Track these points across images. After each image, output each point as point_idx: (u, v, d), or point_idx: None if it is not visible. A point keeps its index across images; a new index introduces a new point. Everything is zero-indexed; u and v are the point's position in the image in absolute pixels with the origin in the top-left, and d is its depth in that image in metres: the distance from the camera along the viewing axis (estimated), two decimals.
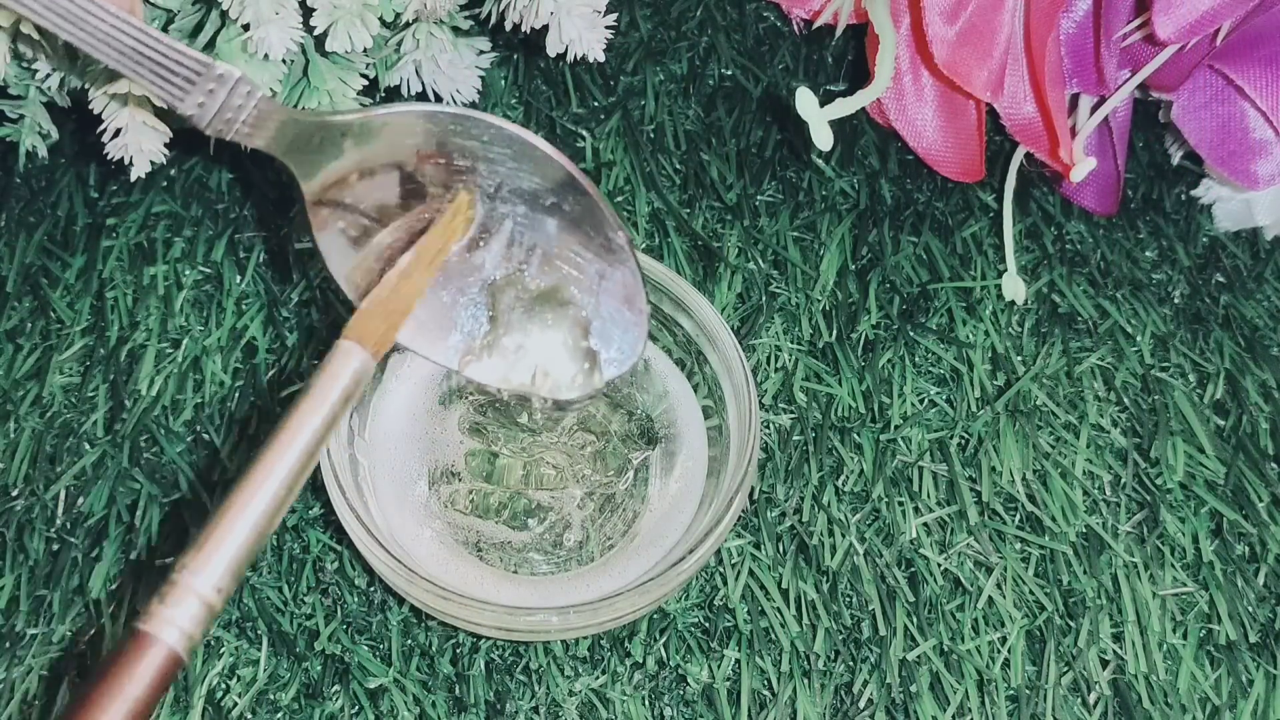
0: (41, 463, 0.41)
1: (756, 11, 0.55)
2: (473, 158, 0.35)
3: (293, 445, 0.31)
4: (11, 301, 0.45)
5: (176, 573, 0.29)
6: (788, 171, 0.50)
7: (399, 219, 0.36)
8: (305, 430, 0.31)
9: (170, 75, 0.31)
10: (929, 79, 0.48)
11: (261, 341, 0.44)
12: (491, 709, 0.38)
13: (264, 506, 0.30)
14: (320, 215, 0.35)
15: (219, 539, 0.29)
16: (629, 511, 0.39)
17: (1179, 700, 0.39)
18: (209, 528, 0.29)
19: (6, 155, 0.48)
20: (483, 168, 0.35)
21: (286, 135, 0.33)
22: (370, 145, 0.34)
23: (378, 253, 0.36)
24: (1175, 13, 0.41)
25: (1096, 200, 0.49)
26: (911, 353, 0.45)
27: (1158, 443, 0.44)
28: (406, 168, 0.35)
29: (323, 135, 0.33)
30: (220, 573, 0.29)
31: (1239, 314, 0.47)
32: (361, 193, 0.35)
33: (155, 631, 0.28)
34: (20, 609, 0.39)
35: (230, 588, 0.29)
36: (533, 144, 0.34)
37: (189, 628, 0.28)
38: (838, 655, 0.39)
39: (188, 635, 0.28)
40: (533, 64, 0.52)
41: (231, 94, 0.32)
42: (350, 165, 0.34)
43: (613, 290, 0.37)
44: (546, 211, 0.36)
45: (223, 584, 0.29)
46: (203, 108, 0.32)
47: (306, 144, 0.33)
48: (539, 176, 0.35)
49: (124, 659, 0.28)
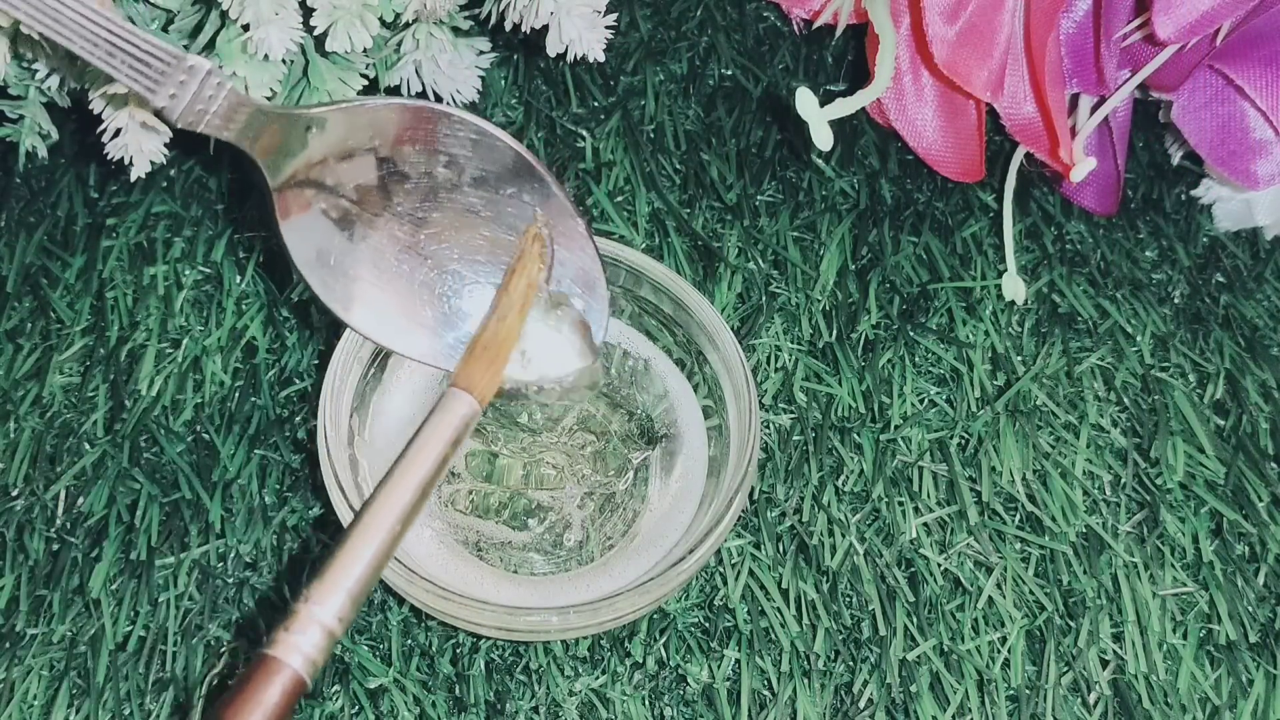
0: (41, 463, 0.41)
1: (756, 11, 0.55)
2: (434, 148, 0.36)
3: (406, 485, 0.33)
4: (11, 301, 0.45)
5: (301, 603, 0.31)
6: (788, 171, 0.50)
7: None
8: (418, 471, 0.34)
9: (142, 67, 0.32)
10: (929, 79, 0.48)
11: (261, 341, 0.44)
12: (491, 709, 0.38)
13: (380, 542, 0.32)
14: (284, 205, 0.36)
15: (340, 571, 0.31)
16: (629, 511, 0.39)
17: (1179, 700, 0.39)
18: (330, 561, 0.32)
19: (6, 155, 0.48)
20: (442, 158, 0.36)
21: (255, 127, 0.34)
22: (334, 138, 0.35)
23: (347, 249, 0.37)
24: (1175, 13, 0.41)
25: (1096, 200, 0.49)
26: (911, 353, 0.45)
27: (1158, 443, 0.44)
28: (369, 159, 0.36)
29: (289, 127, 0.34)
30: (341, 602, 0.31)
31: (1239, 314, 0.47)
32: (325, 182, 0.36)
33: (282, 656, 0.30)
34: (20, 609, 0.39)
35: (351, 616, 0.31)
36: (493, 134, 0.36)
37: (313, 653, 0.30)
38: (838, 655, 0.39)
39: (311, 660, 0.30)
40: (533, 64, 0.52)
41: (202, 85, 0.32)
42: (314, 157, 0.35)
43: (573, 276, 0.38)
44: (507, 200, 0.36)
45: (344, 613, 0.31)
46: (174, 99, 0.32)
47: (274, 136, 0.34)
48: (499, 166, 0.36)
49: (253, 682, 0.30)
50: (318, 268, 0.37)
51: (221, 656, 0.38)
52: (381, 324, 0.38)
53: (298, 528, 0.40)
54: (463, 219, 0.37)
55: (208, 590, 0.39)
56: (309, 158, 0.35)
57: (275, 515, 0.41)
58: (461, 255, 0.38)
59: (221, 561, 0.40)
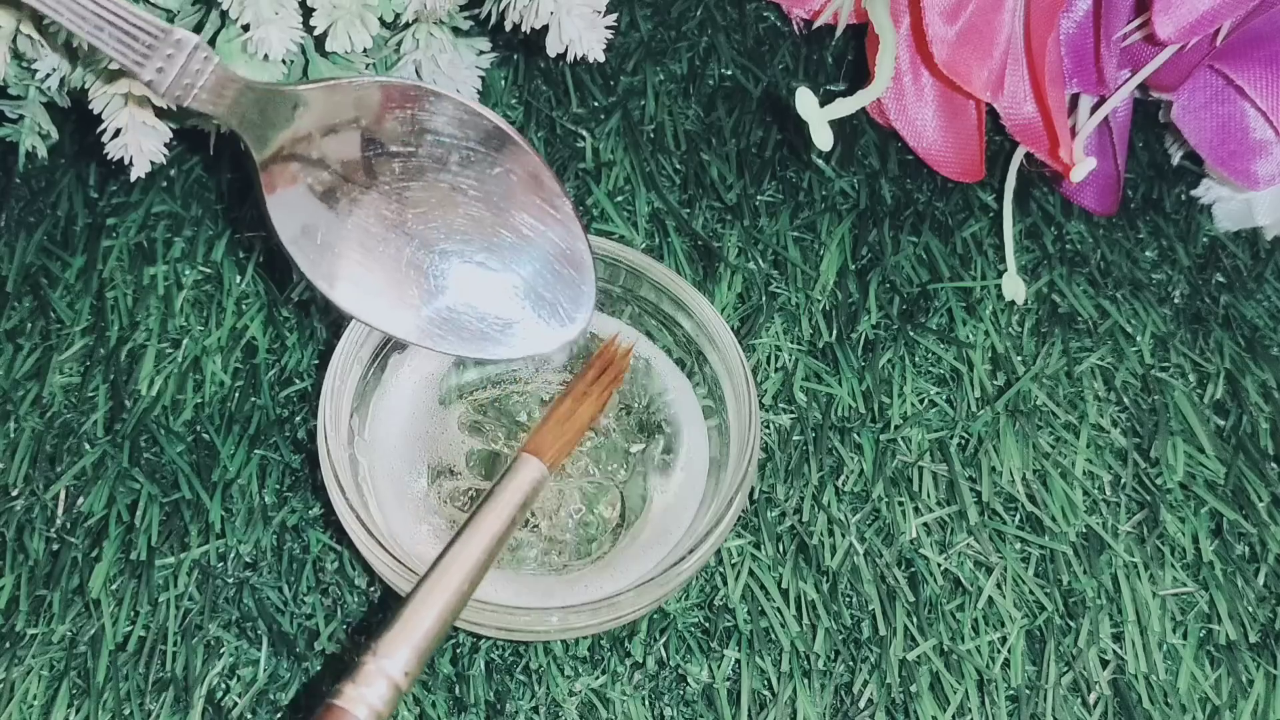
0: (41, 463, 0.41)
1: (756, 11, 0.55)
2: (420, 127, 0.36)
3: (476, 543, 0.35)
4: (11, 301, 0.45)
5: (369, 656, 0.32)
6: (788, 171, 0.50)
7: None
8: (488, 530, 0.35)
9: (130, 40, 0.32)
10: (929, 79, 0.48)
11: (261, 341, 0.44)
12: (491, 709, 0.38)
13: (448, 598, 0.33)
14: (270, 180, 0.36)
15: (408, 626, 0.32)
16: (629, 511, 0.39)
17: (1179, 700, 0.39)
18: (399, 615, 0.33)
19: (6, 155, 0.48)
20: (429, 136, 0.36)
21: (242, 103, 0.34)
22: (320, 115, 0.35)
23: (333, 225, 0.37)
24: (1175, 13, 0.41)
25: (1096, 200, 0.49)
26: (911, 353, 0.45)
27: (1158, 443, 0.44)
28: (354, 136, 0.36)
29: (276, 104, 0.35)
30: (408, 658, 0.32)
31: (1239, 314, 0.47)
32: (311, 159, 0.36)
33: (349, 708, 0.31)
34: (20, 609, 0.39)
35: (416, 671, 0.32)
36: (480, 113, 0.36)
37: (379, 706, 0.31)
38: (838, 655, 0.39)
39: (377, 712, 0.31)
40: (533, 64, 0.52)
41: (190, 59, 0.33)
42: (300, 133, 0.36)
43: (561, 254, 0.38)
44: (494, 180, 0.37)
45: (410, 668, 0.32)
46: (161, 73, 0.33)
47: (260, 112, 0.35)
48: (485, 145, 0.37)
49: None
50: (303, 244, 0.37)
51: (221, 656, 0.38)
52: (367, 301, 0.38)
53: (298, 528, 0.40)
54: (449, 197, 0.38)
55: (208, 590, 0.39)
56: (295, 134, 0.35)
57: (275, 515, 0.41)
58: (448, 233, 0.38)
59: (221, 561, 0.40)
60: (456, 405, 0.41)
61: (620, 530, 0.39)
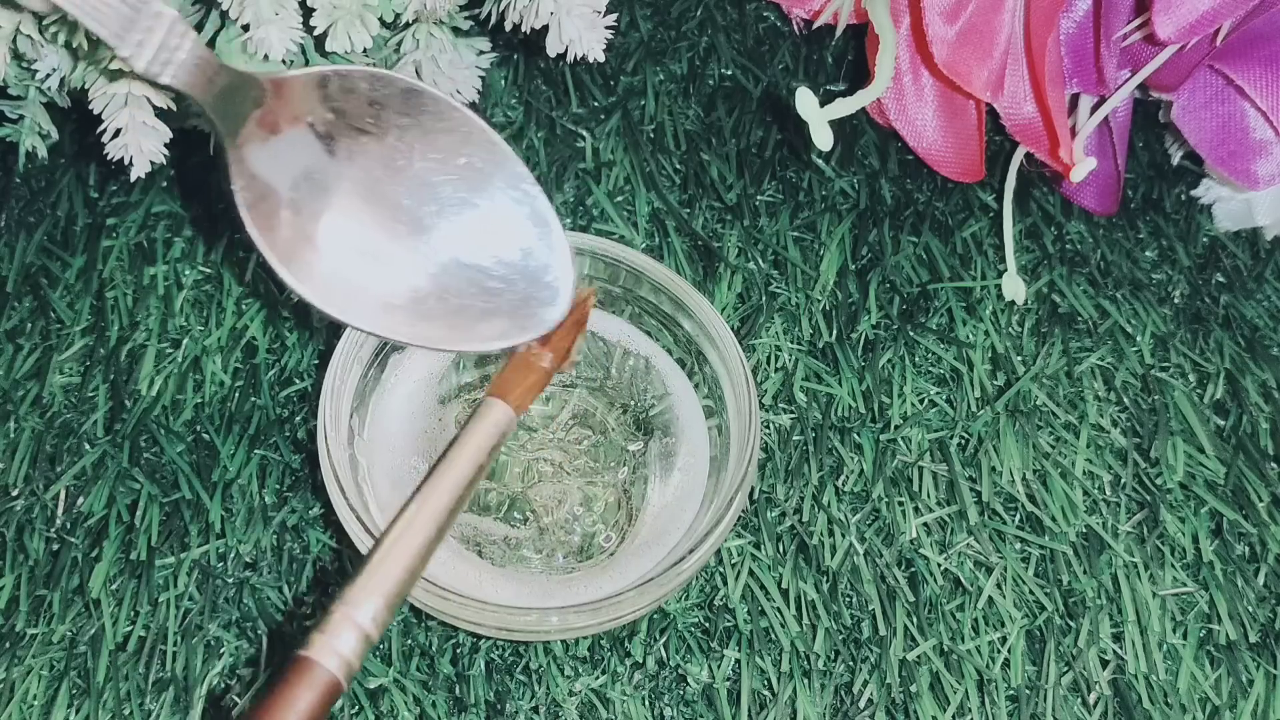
0: (41, 463, 0.41)
1: (756, 11, 0.55)
2: (392, 118, 0.36)
3: (442, 489, 0.33)
4: (11, 301, 0.45)
5: (338, 605, 0.31)
6: (788, 171, 0.50)
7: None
8: (455, 476, 0.34)
9: (109, 11, 0.32)
10: (929, 79, 0.48)
11: (261, 341, 0.44)
12: (491, 709, 0.38)
13: (417, 546, 0.32)
14: (239, 166, 0.36)
15: (375, 574, 0.31)
16: (629, 511, 0.39)
17: (1179, 700, 0.39)
18: (365, 564, 0.32)
19: (6, 155, 0.48)
20: (398, 126, 0.36)
21: (217, 84, 0.34)
22: (292, 102, 0.35)
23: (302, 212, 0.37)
24: (1175, 13, 0.41)
25: (1096, 200, 0.49)
26: (911, 353, 0.45)
27: (1158, 443, 0.44)
28: (326, 124, 0.36)
29: (249, 89, 0.34)
30: (378, 606, 0.31)
31: (1239, 314, 0.47)
32: (282, 147, 0.36)
33: (317, 657, 0.30)
34: (20, 609, 0.39)
35: (386, 620, 0.31)
36: (449, 104, 0.36)
37: (348, 655, 0.30)
38: (838, 655, 0.39)
39: (346, 662, 0.30)
40: (533, 64, 0.52)
41: (169, 34, 0.32)
42: (272, 119, 0.35)
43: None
44: (461, 169, 0.37)
45: (378, 616, 0.31)
46: (140, 47, 0.32)
47: (233, 95, 0.34)
48: (453, 134, 0.36)
49: (288, 682, 0.30)
50: (269, 230, 0.37)
51: (221, 656, 0.38)
52: (336, 293, 0.37)
53: (298, 528, 0.40)
54: (419, 188, 0.37)
55: (208, 590, 0.39)
56: (269, 120, 0.35)
57: (275, 515, 0.41)
58: (416, 225, 0.38)
59: (221, 561, 0.40)
60: (456, 404, 0.41)
61: (621, 530, 0.39)
